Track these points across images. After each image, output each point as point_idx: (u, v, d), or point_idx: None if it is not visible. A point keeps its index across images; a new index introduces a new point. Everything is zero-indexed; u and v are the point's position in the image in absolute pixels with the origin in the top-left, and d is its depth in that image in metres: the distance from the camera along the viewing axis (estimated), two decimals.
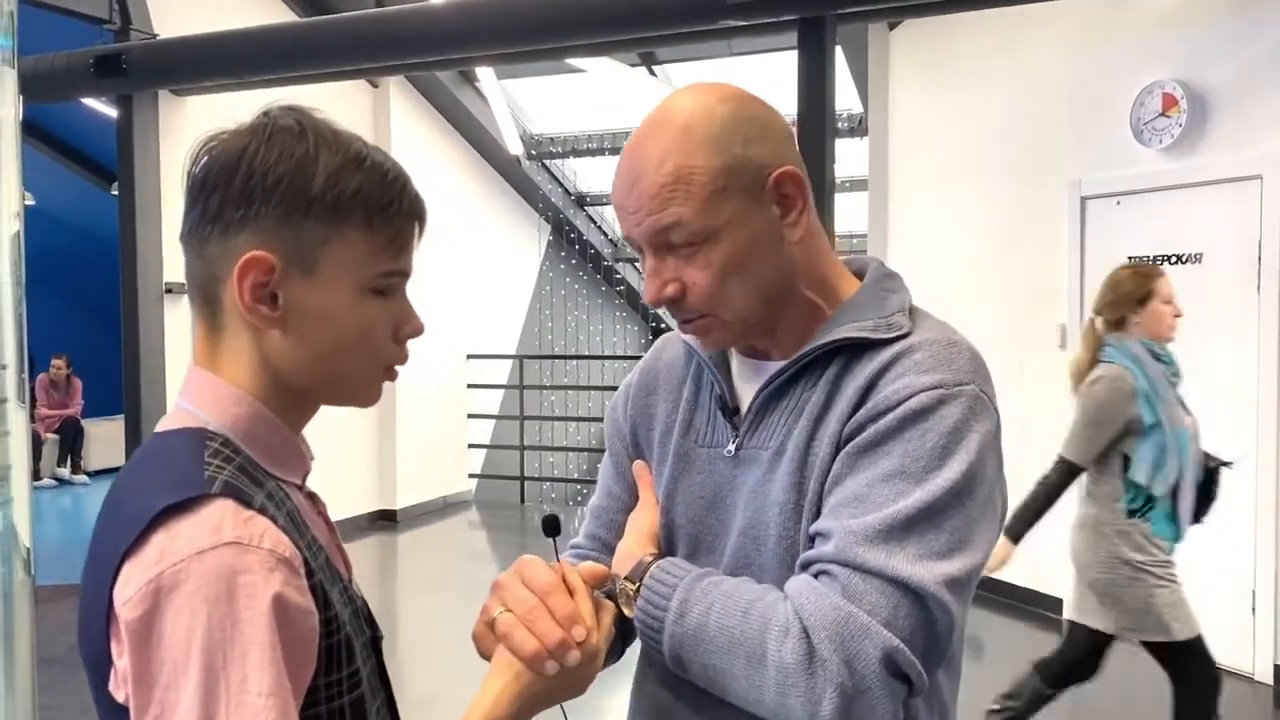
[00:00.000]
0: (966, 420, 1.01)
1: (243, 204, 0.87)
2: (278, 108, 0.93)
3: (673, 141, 1.03)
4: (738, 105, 1.06)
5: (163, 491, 0.81)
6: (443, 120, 8.45)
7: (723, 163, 1.02)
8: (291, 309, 0.89)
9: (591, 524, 1.25)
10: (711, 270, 1.04)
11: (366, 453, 7.89)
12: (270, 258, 0.88)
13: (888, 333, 1.06)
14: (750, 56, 6.98)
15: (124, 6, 5.98)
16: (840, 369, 1.07)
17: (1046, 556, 5.35)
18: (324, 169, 0.88)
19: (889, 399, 1.01)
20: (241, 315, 0.89)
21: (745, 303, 1.06)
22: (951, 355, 1.05)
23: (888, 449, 1.00)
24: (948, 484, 0.98)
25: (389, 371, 0.97)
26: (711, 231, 1.03)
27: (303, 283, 0.89)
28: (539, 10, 5.09)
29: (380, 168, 0.92)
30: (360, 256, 0.90)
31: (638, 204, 1.04)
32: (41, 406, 10.27)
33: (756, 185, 1.04)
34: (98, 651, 0.83)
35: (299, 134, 0.89)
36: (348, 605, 0.93)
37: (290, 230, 0.88)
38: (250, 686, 0.77)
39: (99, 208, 7.57)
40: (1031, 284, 5.45)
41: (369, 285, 0.92)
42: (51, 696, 4.20)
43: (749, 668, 0.97)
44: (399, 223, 0.92)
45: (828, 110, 4.54)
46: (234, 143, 0.89)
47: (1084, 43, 5.18)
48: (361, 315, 0.92)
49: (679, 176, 1.02)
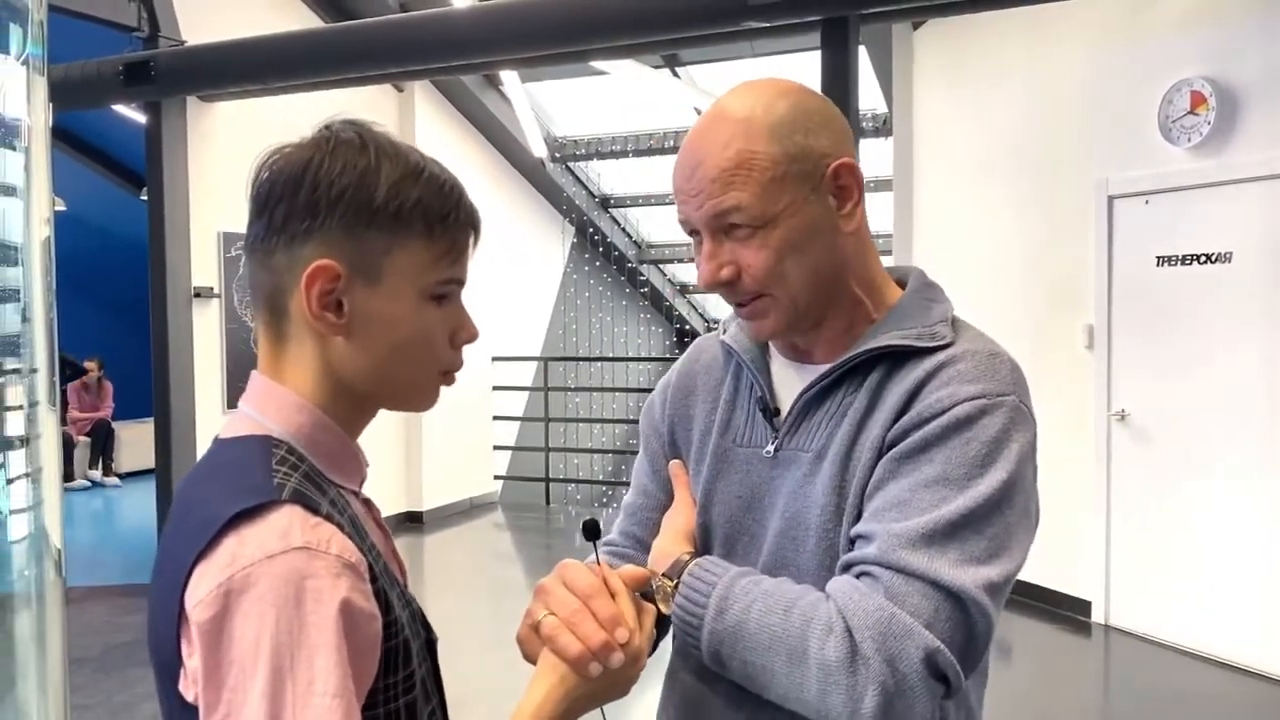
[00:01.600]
0: (1008, 430, 1.03)
1: (308, 216, 0.90)
2: (339, 121, 0.95)
3: (735, 129, 1.06)
4: (799, 98, 1.09)
5: (234, 498, 0.84)
6: (467, 124, 8.49)
7: (783, 150, 1.05)
8: (356, 316, 0.92)
9: (626, 521, 1.26)
10: (769, 251, 1.06)
11: (393, 455, 7.94)
12: (336, 266, 0.91)
13: (931, 341, 1.09)
14: (774, 57, 6.97)
15: (153, 14, 6.05)
16: (883, 375, 1.09)
17: (1077, 559, 5.33)
18: (386, 181, 0.91)
19: (933, 407, 1.04)
20: (308, 323, 0.92)
21: (800, 283, 1.08)
22: (994, 366, 1.07)
23: (931, 456, 1.02)
24: (989, 491, 1.00)
25: (446, 376, 0.99)
26: (770, 216, 1.05)
27: (366, 290, 0.92)
28: (561, 13, 5.10)
29: (438, 179, 0.95)
30: (421, 265, 0.93)
31: (699, 187, 1.06)
32: (73, 409, 10.39)
33: (815, 174, 1.07)
34: (168, 652, 0.85)
35: (361, 147, 0.92)
36: (405, 608, 0.95)
37: (354, 240, 0.91)
38: (316, 688, 0.79)
39: (129, 212, 7.66)
40: (1058, 284, 5.41)
41: (429, 292, 0.95)
42: (84, 696, 4.26)
43: (790, 665, 0.98)
44: (456, 232, 0.96)
45: (851, 111, 4.53)
46: (298, 156, 0.92)
47: (1111, 40, 5.14)
48: (422, 321, 0.95)
49: (740, 161, 1.04)
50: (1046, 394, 5.38)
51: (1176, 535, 4.84)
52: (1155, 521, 4.95)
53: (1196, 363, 4.75)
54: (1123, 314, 5.07)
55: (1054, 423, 5.36)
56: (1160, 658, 4.84)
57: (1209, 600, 4.71)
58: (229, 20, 6.30)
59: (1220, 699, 4.39)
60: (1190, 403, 4.78)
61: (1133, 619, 5.09)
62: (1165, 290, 4.86)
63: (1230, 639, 4.63)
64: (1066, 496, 5.38)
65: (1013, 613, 5.55)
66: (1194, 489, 4.76)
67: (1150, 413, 4.97)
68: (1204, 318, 4.71)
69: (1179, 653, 4.82)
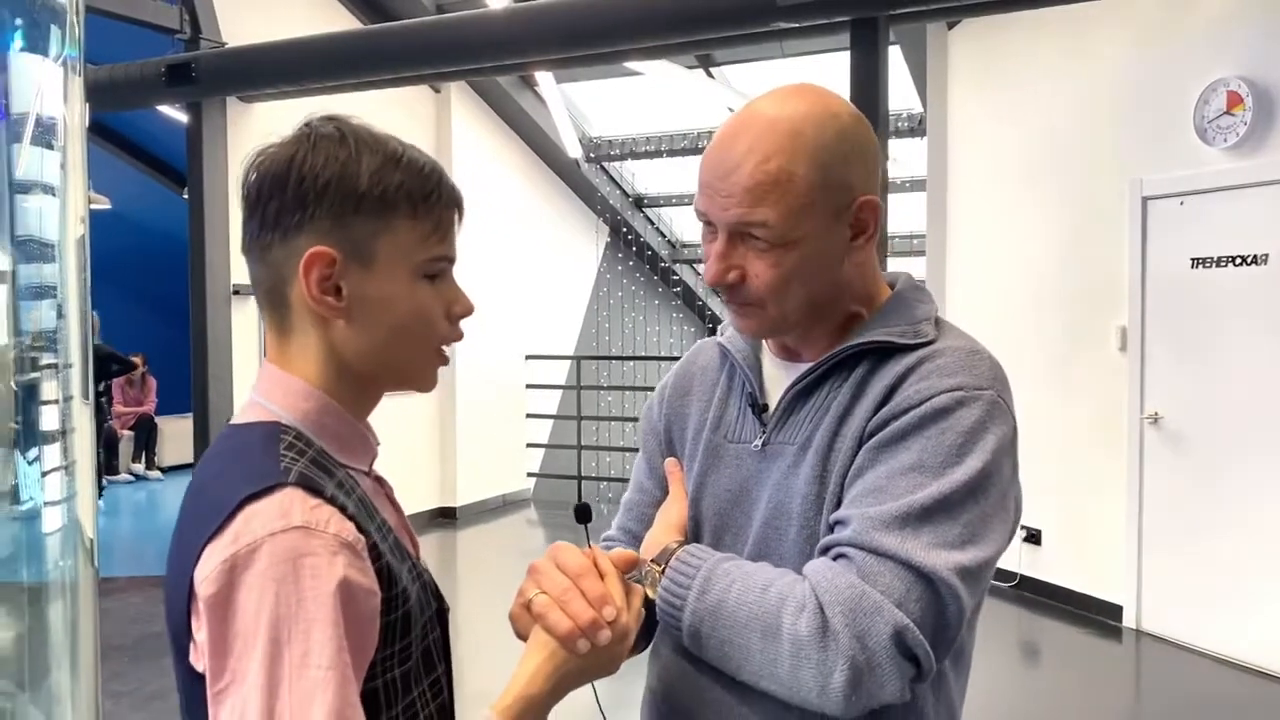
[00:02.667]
0: (984, 422, 1.05)
1: (298, 208, 0.95)
2: (317, 118, 1.00)
3: (781, 141, 1.06)
4: (846, 122, 1.10)
5: (243, 482, 0.89)
6: (503, 124, 8.56)
7: (822, 178, 1.07)
8: (354, 299, 0.97)
9: (623, 517, 1.30)
10: (779, 271, 1.09)
11: (428, 451, 8.03)
12: (331, 251, 0.95)
13: (914, 339, 1.12)
14: (804, 58, 6.96)
15: (194, 17, 6.17)
16: (867, 371, 1.12)
17: (1108, 563, 5.28)
18: (367, 168, 0.96)
19: (911, 398, 1.06)
20: (310, 309, 0.97)
21: (796, 304, 1.11)
22: (973, 362, 1.09)
23: (907, 444, 1.05)
24: (963, 479, 1.02)
25: (441, 354, 1.04)
26: (791, 239, 1.07)
27: (361, 274, 0.96)
28: (593, 15, 5.14)
29: (417, 163, 0.99)
30: (410, 244, 0.98)
31: (730, 190, 1.07)
32: (118, 404, 10.58)
33: (842, 206, 1.09)
34: (180, 626, 0.90)
35: (340, 139, 0.97)
36: (416, 581, 0.99)
37: (344, 228, 0.95)
38: (311, 660, 0.83)
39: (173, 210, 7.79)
40: (1091, 285, 5.36)
41: (421, 271, 0.99)
42: (120, 683, 4.36)
43: (764, 641, 1.02)
44: (440, 210, 1.00)
45: (880, 111, 4.52)
46: (282, 154, 0.97)
47: (1146, 40, 5.08)
48: (417, 299, 0.99)
49: (779, 180, 1.06)
50: (1079, 395, 5.37)
51: (1210, 539, 4.78)
52: (1188, 525, 4.89)
53: (1231, 365, 4.69)
54: (1157, 316, 5.02)
55: (1086, 424, 5.35)
56: (1192, 664, 4.79)
57: (1243, 606, 4.65)
58: (268, 22, 6.41)
59: (1253, 707, 4.34)
60: (1225, 405, 4.72)
61: (1165, 624, 5.04)
62: (1200, 292, 4.81)
63: (1264, 645, 4.57)
64: (1098, 499, 5.34)
65: (1042, 616, 5.51)
66: (1228, 492, 4.70)
67: (1184, 415, 4.92)
68: (1239, 319, 4.65)
69: (1212, 659, 4.76)
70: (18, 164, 2.63)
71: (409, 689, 0.97)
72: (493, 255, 8.40)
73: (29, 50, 2.64)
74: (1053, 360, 5.54)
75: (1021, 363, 5.68)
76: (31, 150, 2.60)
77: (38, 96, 2.62)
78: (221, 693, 0.84)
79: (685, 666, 1.15)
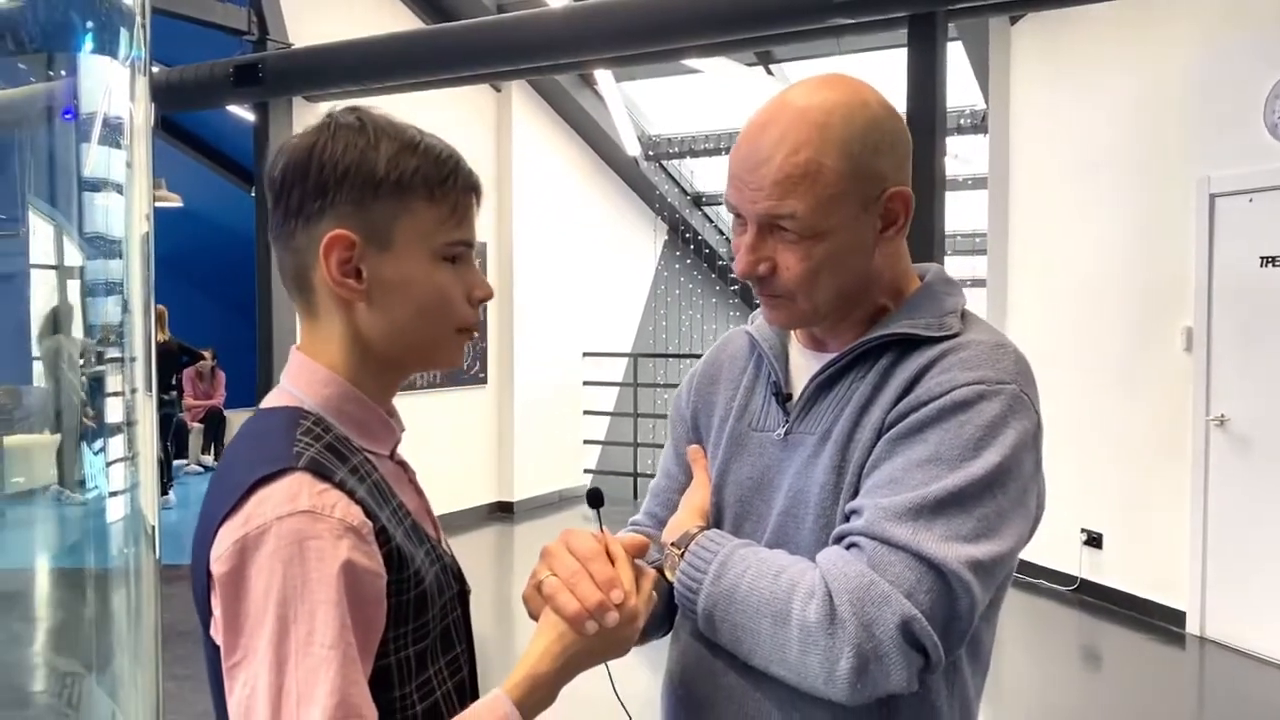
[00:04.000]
0: (1004, 417, 1.05)
1: (319, 195, 0.99)
2: (339, 109, 1.03)
3: (810, 132, 1.06)
4: (875, 111, 1.10)
5: (258, 465, 0.93)
6: (563, 122, 8.61)
7: (851, 168, 1.07)
8: (375, 281, 1.00)
9: (650, 503, 1.32)
10: (810, 263, 1.09)
11: (486, 447, 8.11)
12: (350, 235, 0.98)
13: (939, 331, 1.12)
14: (862, 54, 6.89)
15: (262, 19, 6.30)
16: (891, 362, 1.12)
17: (1171, 568, 5.17)
18: (385, 155, 0.99)
19: (931, 391, 1.06)
20: (332, 291, 1.00)
21: (826, 296, 1.12)
22: (997, 356, 1.09)
23: (925, 436, 1.05)
24: (980, 473, 1.02)
25: (464, 334, 1.06)
26: (821, 230, 1.08)
27: (381, 257, 1.00)
28: (649, 12, 5.16)
29: (434, 149, 1.02)
30: (428, 227, 1.01)
31: (759, 183, 1.08)
32: (188, 397, 10.85)
33: (871, 197, 1.09)
34: (203, 602, 0.95)
35: (359, 128, 1.00)
36: (435, 563, 1.02)
37: (363, 212, 0.99)
38: (315, 639, 0.87)
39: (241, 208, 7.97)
40: (1156, 284, 5.25)
41: (439, 254, 1.02)
42: (184, 667, 4.47)
43: (774, 626, 1.03)
44: (456, 194, 1.02)
45: (938, 108, 4.47)
46: (304, 143, 1.00)
47: (1214, 33, 4.96)
48: (435, 281, 1.02)
49: (808, 170, 1.06)
50: (1142, 397, 5.27)
51: (1276, 544, 4.66)
52: (1254, 530, 4.77)
53: None
54: (1223, 316, 4.90)
55: (1149, 426, 5.24)
56: (1258, 672, 4.67)
57: None
58: (333, 23, 6.52)
59: None
60: None
61: (1229, 631, 4.92)
62: (1268, 291, 4.68)
63: None
64: (1161, 502, 5.23)
65: (1103, 621, 5.41)
66: None
67: (1251, 418, 4.79)
68: None
69: (1277, 667, 4.64)
70: (86, 163, 2.72)
71: (424, 667, 1.00)
72: (552, 253, 8.46)
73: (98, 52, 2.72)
74: (1116, 361, 5.44)
75: (1084, 363, 5.59)
76: (99, 150, 2.69)
77: (105, 97, 2.70)
78: (235, 667, 0.89)
79: (702, 651, 1.16)
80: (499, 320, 8.13)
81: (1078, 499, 5.68)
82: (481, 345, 8.03)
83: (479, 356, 8.01)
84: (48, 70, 2.78)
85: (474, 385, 8.00)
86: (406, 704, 0.98)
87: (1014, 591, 5.95)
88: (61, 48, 2.76)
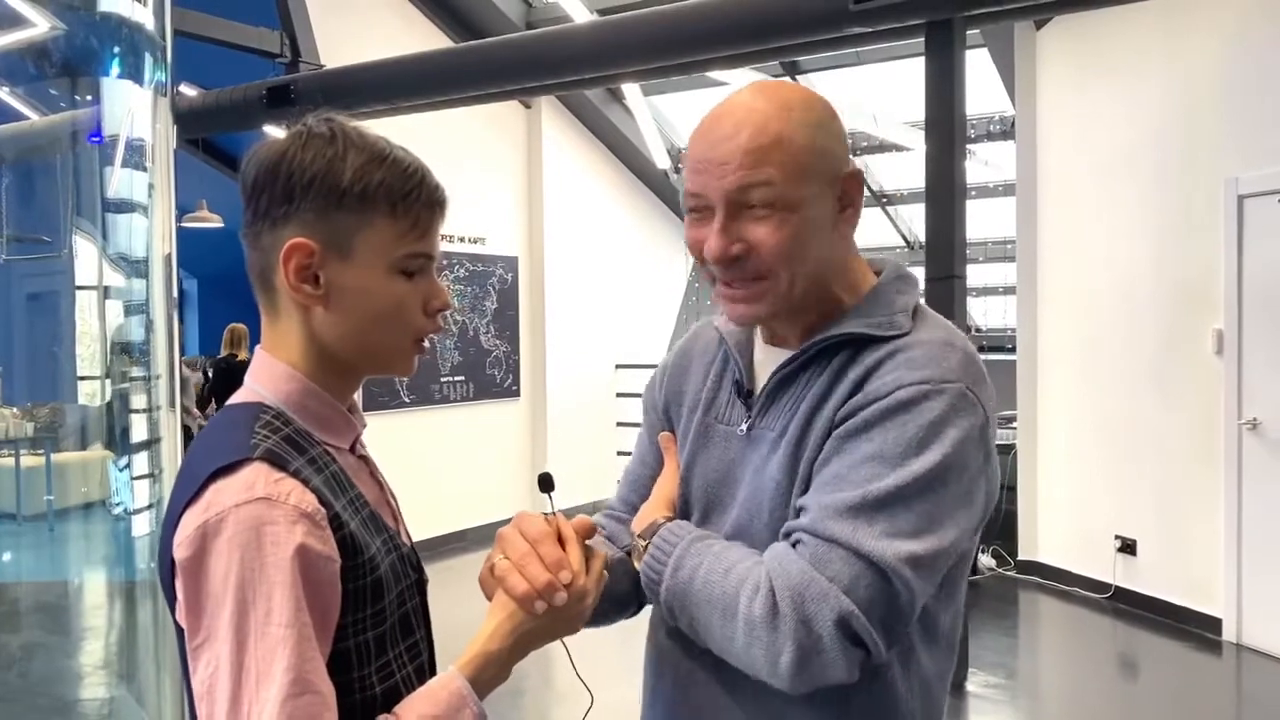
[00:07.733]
0: (948, 415, 1.07)
1: (285, 200, 1.02)
2: (315, 117, 1.07)
3: (775, 112, 1.10)
4: (822, 105, 1.15)
5: (218, 456, 0.98)
6: (592, 137, 8.69)
7: (815, 144, 1.11)
8: (332, 288, 1.04)
9: (624, 489, 1.37)
10: (787, 231, 1.10)
11: (519, 458, 8.18)
12: (310, 243, 1.02)
13: (889, 330, 1.14)
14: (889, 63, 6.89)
15: (294, 42, 6.44)
16: (844, 361, 1.14)
17: (1206, 574, 5.09)
18: (351, 166, 1.02)
19: (878, 390, 1.09)
20: (290, 295, 1.04)
21: (804, 268, 1.13)
22: (943, 355, 1.11)
23: (870, 435, 1.07)
24: (921, 471, 1.04)
25: (419, 345, 1.10)
26: (794, 201, 1.09)
27: (340, 265, 1.03)
28: (673, 26, 5.20)
29: (401, 163, 1.05)
30: (388, 240, 1.04)
31: (729, 157, 1.09)
32: None
33: (832, 176, 1.13)
34: (169, 587, 1.00)
35: (330, 138, 1.04)
36: (392, 552, 1.07)
37: (326, 221, 1.02)
38: (273, 619, 0.92)
39: None
40: (1186, 287, 5.20)
41: (397, 266, 1.05)
42: None
43: (724, 620, 1.07)
44: (419, 210, 1.05)
45: (957, 115, 4.47)
46: (276, 149, 1.05)
47: (1242, 34, 4.92)
48: (392, 292, 1.05)
49: (780, 141, 1.09)
50: (1173, 400, 5.21)
51: None
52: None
53: None
54: (1254, 318, 4.84)
55: (1181, 430, 5.18)
56: None
57: None
58: (362, 43, 6.63)
59: None
60: None
61: (1266, 638, 4.84)
62: None
63: None
64: (1194, 507, 5.16)
65: (1138, 628, 5.35)
66: None
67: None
68: None
69: None
70: (110, 185, 2.81)
71: (384, 651, 1.04)
72: (583, 266, 8.52)
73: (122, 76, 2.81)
74: (1147, 365, 5.38)
75: (1114, 367, 5.54)
76: (122, 172, 2.77)
77: (128, 120, 2.78)
78: (199, 648, 0.94)
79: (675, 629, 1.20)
80: (531, 333, 8.20)
81: (1111, 506, 5.63)
82: (514, 358, 8.11)
83: (512, 369, 8.09)
84: (73, 95, 2.88)
85: (507, 398, 8.08)
86: (366, 684, 1.02)
87: (1049, 600, 5.89)
88: (86, 73, 2.85)
